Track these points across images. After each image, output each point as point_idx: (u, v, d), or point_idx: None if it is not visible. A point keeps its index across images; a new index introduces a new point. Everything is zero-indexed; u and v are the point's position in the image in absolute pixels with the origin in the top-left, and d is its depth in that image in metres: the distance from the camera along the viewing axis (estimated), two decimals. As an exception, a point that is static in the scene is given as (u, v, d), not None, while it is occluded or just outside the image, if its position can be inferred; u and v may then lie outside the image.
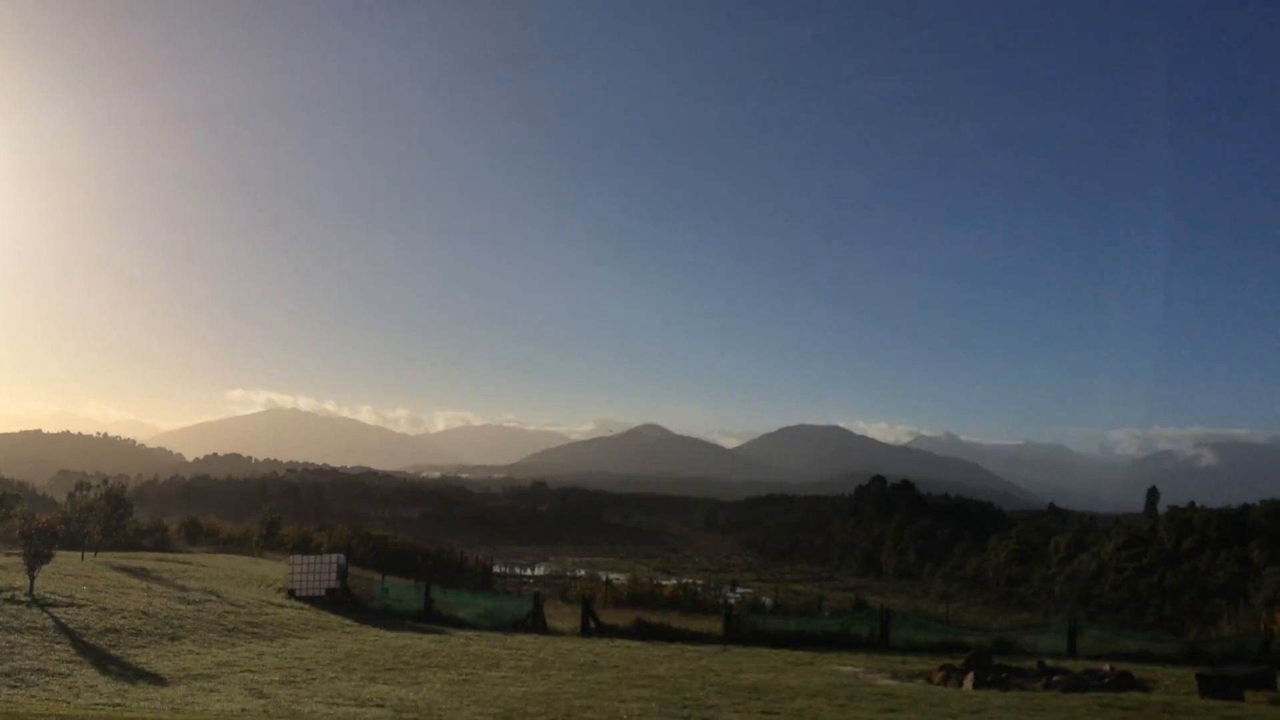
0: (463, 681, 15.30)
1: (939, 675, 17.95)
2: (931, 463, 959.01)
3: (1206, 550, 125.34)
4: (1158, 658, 23.06)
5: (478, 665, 17.56)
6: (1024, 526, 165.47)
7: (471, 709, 12.25)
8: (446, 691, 13.95)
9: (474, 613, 27.26)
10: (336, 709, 12.02)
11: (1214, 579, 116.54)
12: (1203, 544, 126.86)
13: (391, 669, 16.57)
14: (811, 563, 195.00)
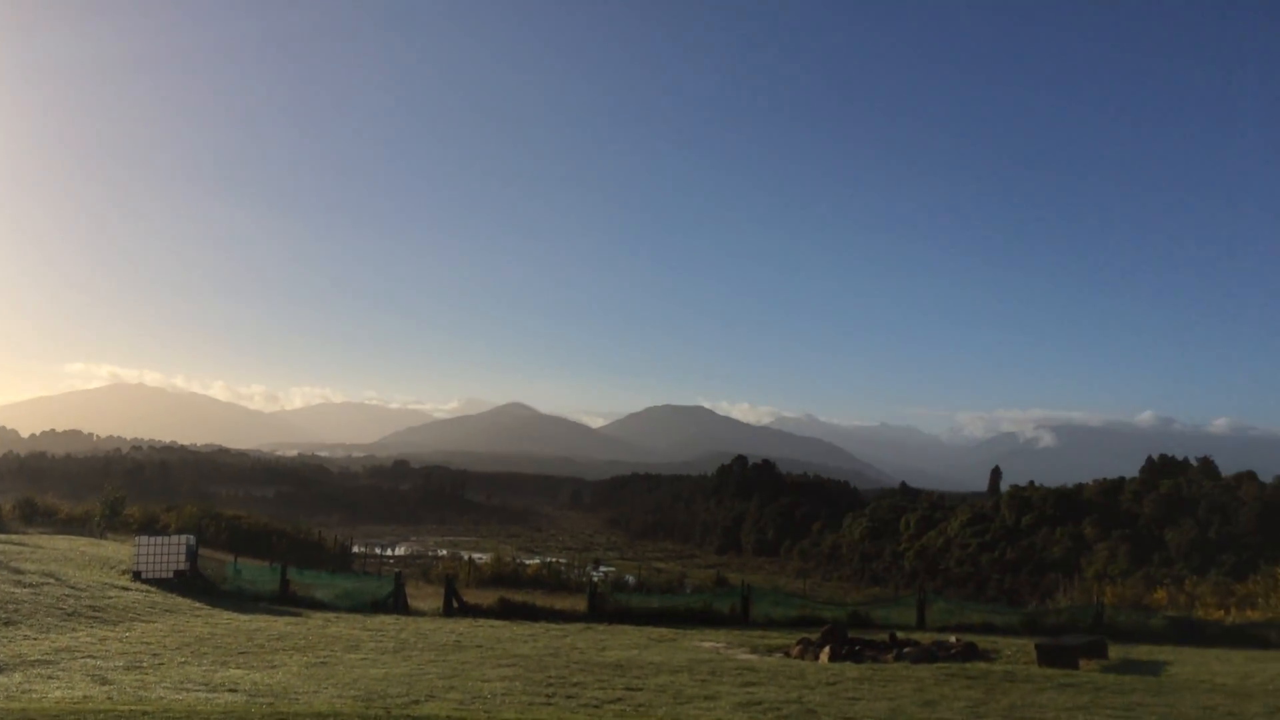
0: (320, 664, 14.93)
1: (797, 649, 18.45)
2: (792, 443, 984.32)
3: (1044, 527, 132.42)
4: (1000, 629, 24.28)
5: (336, 647, 17.17)
6: (877, 505, 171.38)
7: (330, 692, 11.96)
8: (303, 674, 13.58)
9: (332, 594, 26.62)
10: (186, 695, 11.56)
11: (1051, 554, 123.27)
12: (1041, 521, 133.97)
13: (245, 652, 16.04)
14: (674, 541, 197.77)
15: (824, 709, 11.77)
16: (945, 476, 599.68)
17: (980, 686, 13.81)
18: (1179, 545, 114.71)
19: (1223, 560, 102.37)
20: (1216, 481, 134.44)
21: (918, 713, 11.69)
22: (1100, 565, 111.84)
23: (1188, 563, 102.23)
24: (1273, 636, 23.71)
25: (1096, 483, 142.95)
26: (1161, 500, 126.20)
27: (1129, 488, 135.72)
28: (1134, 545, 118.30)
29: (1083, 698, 13.04)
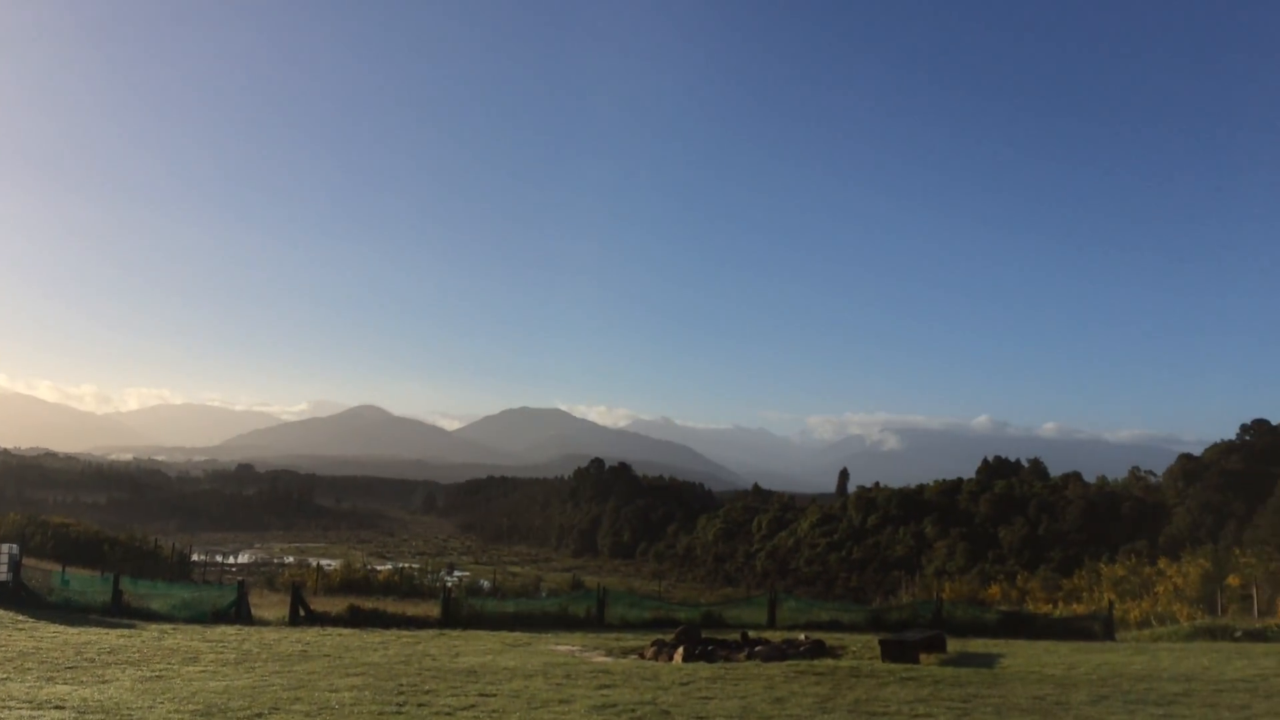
0: (156, 678, 14.18)
1: (651, 650, 18.57)
2: (648, 445, 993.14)
3: (888, 526, 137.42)
4: (846, 626, 25.04)
5: (173, 660, 16.35)
6: (731, 506, 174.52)
7: (166, 707, 11.37)
8: (137, 689, 12.88)
9: (169, 604, 25.37)
10: (8, 713, 10.80)
11: (894, 552, 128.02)
12: (885, 521, 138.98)
13: (73, 667, 15.11)
14: (531, 544, 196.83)
15: (677, 709, 11.87)
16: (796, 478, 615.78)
17: (827, 683, 14.19)
18: (1011, 543, 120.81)
19: (1051, 557, 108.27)
20: (1045, 482, 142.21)
21: (768, 710, 11.91)
22: (940, 562, 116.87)
23: (1019, 559, 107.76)
24: (1096, 629, 25.21)
25: (937, 483, 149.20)
26: (996, 500, 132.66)
27: (966, 488, 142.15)
28: (971, 543, 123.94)
29: (923, 691, 13.55)
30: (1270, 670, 15.99)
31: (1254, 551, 41.41)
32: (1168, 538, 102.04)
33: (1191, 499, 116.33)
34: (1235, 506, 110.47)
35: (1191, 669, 16.35)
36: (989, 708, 12.24)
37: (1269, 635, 23.67)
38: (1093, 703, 12.72)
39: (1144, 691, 13.65)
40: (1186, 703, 12.77)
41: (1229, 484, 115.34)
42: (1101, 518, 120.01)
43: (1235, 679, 14.94)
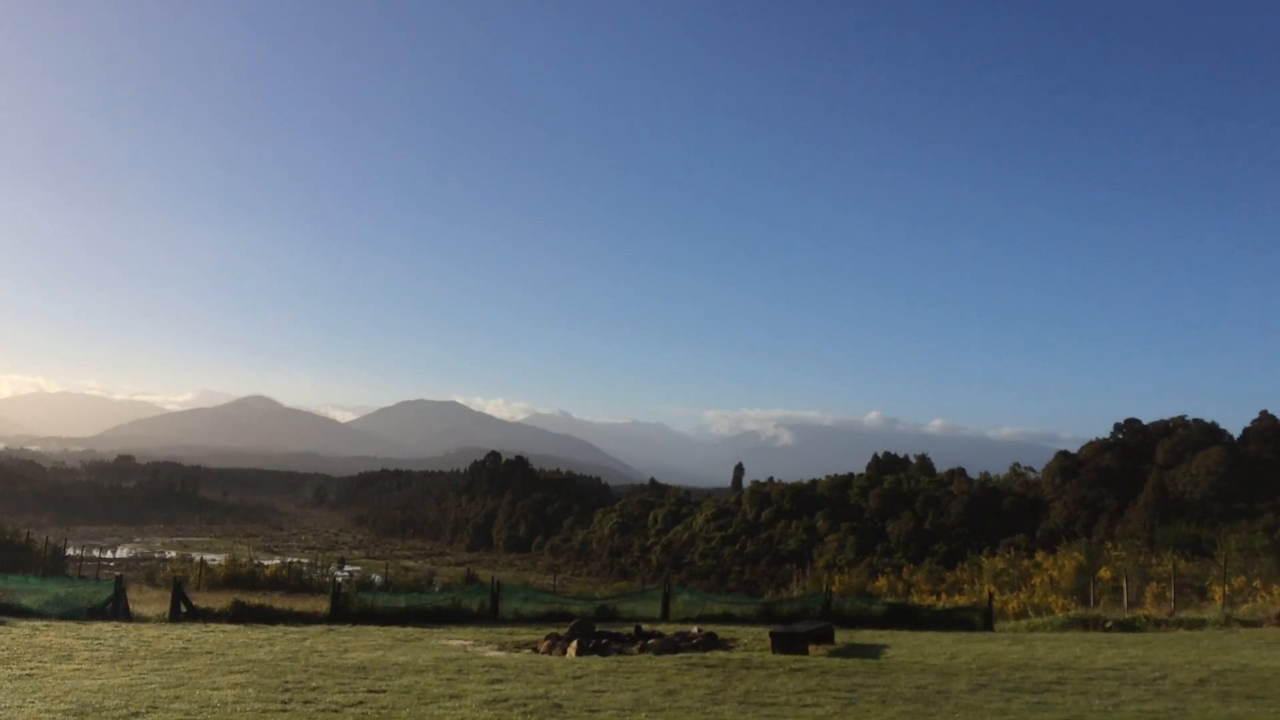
0: (26, 676, 13.56)
1: (545, 644, 18.53)
2: (546, 439, 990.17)
3: (782, 520, 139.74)
4: (739, 618, 25.38)
5: (45, 658, 15.65)
6: (627, 500, 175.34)
7: (37, 706, 10.88)
8: (6, 688, 12.29)
9: (42, 600, 24.27)
10: None
11: (787, 546, 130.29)
12: (779, 515, 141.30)
13: (-67, 668, 14.35)
14: (425, 538, 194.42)
15: (570, 703, 11.86)
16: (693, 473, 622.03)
17: (719, 674, 14.37)
18: (899, 536, 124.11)
19: (936, 550, 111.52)
20: (932, 477, 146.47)
21: (659, 702, 11.99)
22: (830, 556, 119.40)
23: (907, 552, 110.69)
24: (977, 620, 26.07)
25: (829, 479, 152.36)
26: (885, 495, 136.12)
27: (857, 483, 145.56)
28: (861, 537, 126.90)
29: (811, 681, 13.82)
30: (1137, 659, 16.74)
31: (1125, 545, 43.28)
32: (1045, 532, 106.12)
33: (1068, 494, 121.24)
34: (1108, 502, 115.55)
35: (1065, 658, 17.03)
36: (874, 697, 12.55)
37: (1137, 625, 24.82)
38: (972, 691, 13.15)
39: (1020, 680, 14.17)
40: (1060, 690, 13.30)
41: (1103, 480, 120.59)
42: (984, 512, 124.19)
43: (1105, 667, 15.61)
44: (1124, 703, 12.30)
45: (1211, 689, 13.39)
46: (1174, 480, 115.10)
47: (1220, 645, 19.59)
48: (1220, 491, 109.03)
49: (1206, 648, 19.04)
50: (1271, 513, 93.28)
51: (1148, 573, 36.00)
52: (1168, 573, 33.13)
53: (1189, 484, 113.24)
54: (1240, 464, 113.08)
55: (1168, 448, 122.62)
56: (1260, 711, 11.56)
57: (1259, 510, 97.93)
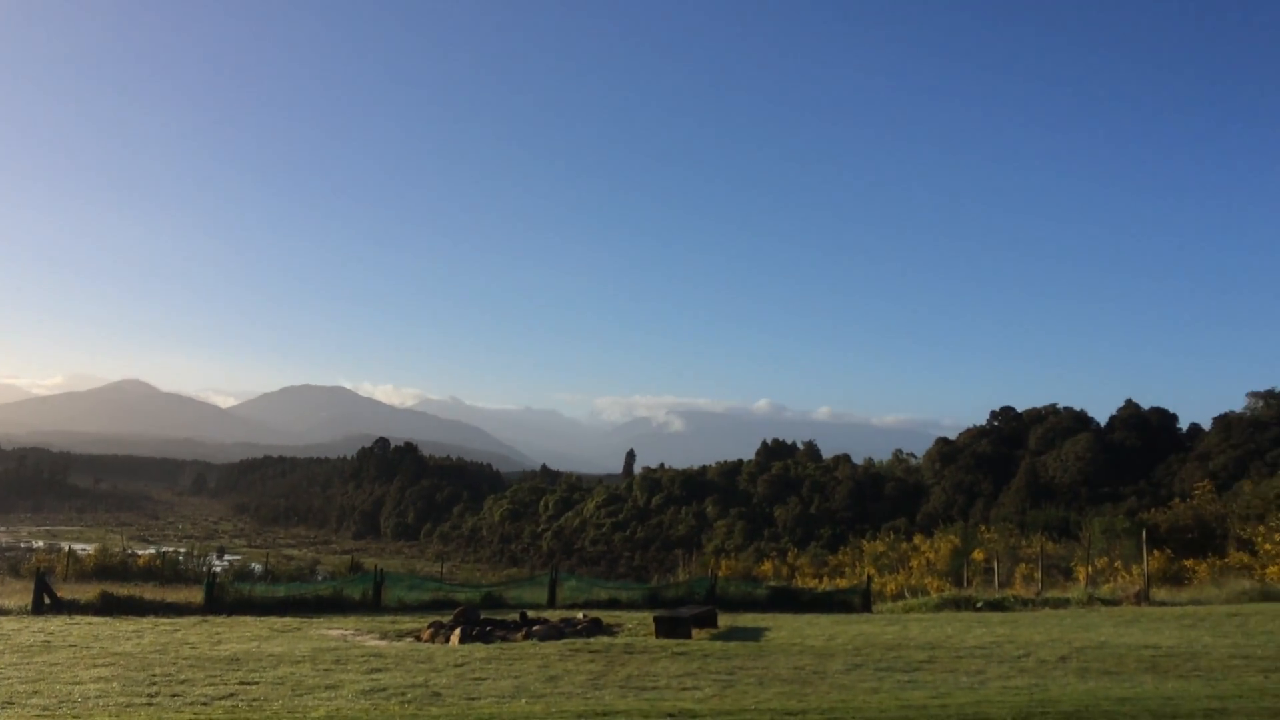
0: None
1: (427, 633, 18.30)
2: (436, 425, 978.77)
3: (672, 506, 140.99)
4: (625, 604, 25.50)
5: (-109, 657, 14.80)
6: (518, 487, 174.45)
7: (-124, 708, 10.28)
8: None
9: (-111, 595, 22.95)
10: None
11: (676, 532, 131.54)
12: (669, 501, 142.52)
13: None
14: (310, 526, 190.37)
15: (449, 691, 11.76)
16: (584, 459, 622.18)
17: (602, 660, 14.42)
18: (786, 521, 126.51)
19: (821, 534, 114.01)
20: (818, 463, 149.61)
21: (541, 688, 11.98)
22: (719, 541, 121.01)
23: (793, 537, 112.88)
24: (856, 602, 26.76)
25: (719, 465, 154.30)
26: (773, 480, 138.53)
27: (746, 469, 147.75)
28: (749, 522, 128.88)
29: (692, 665, 13.99)
30: (1004, 637, 17.41)
31: (998, 528, 44.97)
32: (924, 515, 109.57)
33: (947, 480, 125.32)
34: (984, 486, 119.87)
35: (936, 637, 17.60)
36: (752, 679, 12.77)
37: (1006, 605, 25.82)
38: (846, 671, 13.49)
39: (893, 659, 14.60)
40: (930, 669, 13.75)
41: (979, 465, 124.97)
42: (867, 497, 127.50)
43: (974, 646, 16.19)
44: (989, 680, 12.77)
45: (1071, 665, 14.01)
46: (1045, 466, 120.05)
47: (1082, 623, 20.51)
48: (1087, 476, 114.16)
49: (1069, 626, 19.91)
50: (1134, 496, 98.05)
51: (1018, 554, 37.45)
52: (1036, 554, 34.52)
53: (1059, 469, 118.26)
54: (1106, 450, 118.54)
55: (1040, 434, 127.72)
56: (1115, 686, 12.14)
57: (1123, 494, 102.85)
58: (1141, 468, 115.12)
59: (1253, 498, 39.78)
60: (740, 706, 10.48)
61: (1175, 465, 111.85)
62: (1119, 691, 11.52)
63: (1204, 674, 13.13)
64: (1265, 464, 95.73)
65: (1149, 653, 15.04)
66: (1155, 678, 12.84)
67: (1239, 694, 11.11)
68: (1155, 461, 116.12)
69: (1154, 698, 10.86)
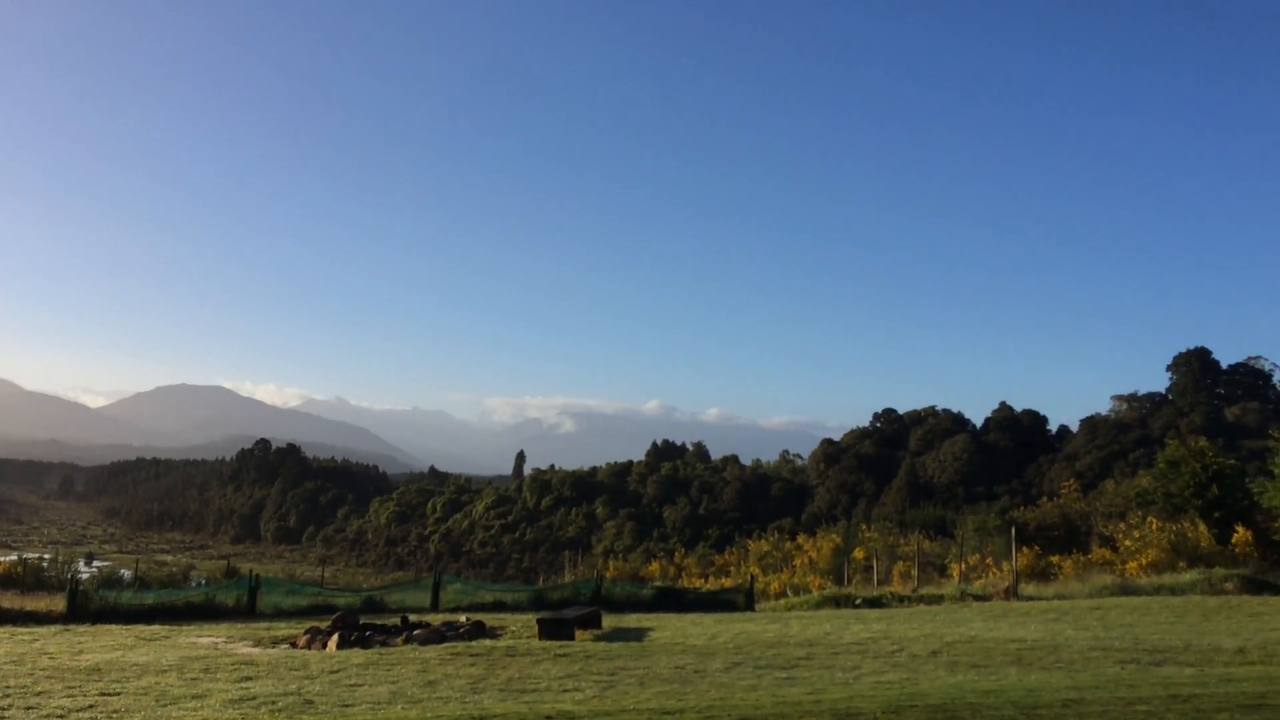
0: None
1: (304, 639, 17.83)
2: (321, 426, 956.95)
3: (562, 508, 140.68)
4: (510, 606, 25.32)
5: None
6: (406, 489, 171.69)
7: None
8: None
9: None
10: None
11: (566, 533, 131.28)
12: (559, 502, 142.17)
13: None
14: (185, 531, 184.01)
15: (323, 698, 11.47)
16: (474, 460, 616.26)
17: (482, 663, 14.26)
18: (675, 521, 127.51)
19: (709, 534, 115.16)
20: (707, 464, 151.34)
21: (418, 693, 11.78)
22: (609, 542, 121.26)
23: (681, 537, 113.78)
24: (739, 600, 27.11)
25: (609, 466, 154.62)
26: (662, 481, 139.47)
27: (636, 470, 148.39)
28: (638, 522, 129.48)
29: (574, 666, 13.95)
30: (880, 633, 17.86)
31: (878, 527, 46.14)
32: (809, 515, 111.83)
33: (831, 480, 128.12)
34: (866, 486, 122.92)
35: (815, 634, 17.95)
36: (633, 679, 12.80)
37: (884, 602, 26.51)
38: (727, 669, 13.64)
39: (773, 657, 14.83)
40: (807, 665, 14.02)
41: (862, 466, 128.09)
42: (754, 497, 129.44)
43: (851, 642, 16.56)
44: (864, 675, 13.08)
45: (942, 659, 14.46)
46: (924, 466, 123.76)
47: (953, 619, 21.20)
48: (964, 476, 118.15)
49: (941, 621, 20.55)
50: (1007, 495, 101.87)
51: (896, 552, 38.49)
52: (913, 552, 35.54)
53: (937, 469, 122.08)
54: (981, 450, 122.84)
55: (920, 436, 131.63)
56: (981, 678, 12.56)
57: (996, 493, 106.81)
58: (1014, 468, 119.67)
59: (1115, 496, 41.73)
60: (620, 707, 10.49)
61: (1045, 465, 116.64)
62: (985, 684, 11.92)
63: (1065, 665, 13.72)
64: (1128, 464, 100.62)
65: (1015, 646, 15.62)
66: (1020, 670, 13.35)
67: (1096, 684, 11.62)
68: (1027, 461, 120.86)
69: (1017, 689, 11.27)
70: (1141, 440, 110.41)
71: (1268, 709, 9.59)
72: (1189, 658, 14.36)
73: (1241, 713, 9.42)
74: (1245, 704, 9.87)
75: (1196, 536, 31.83)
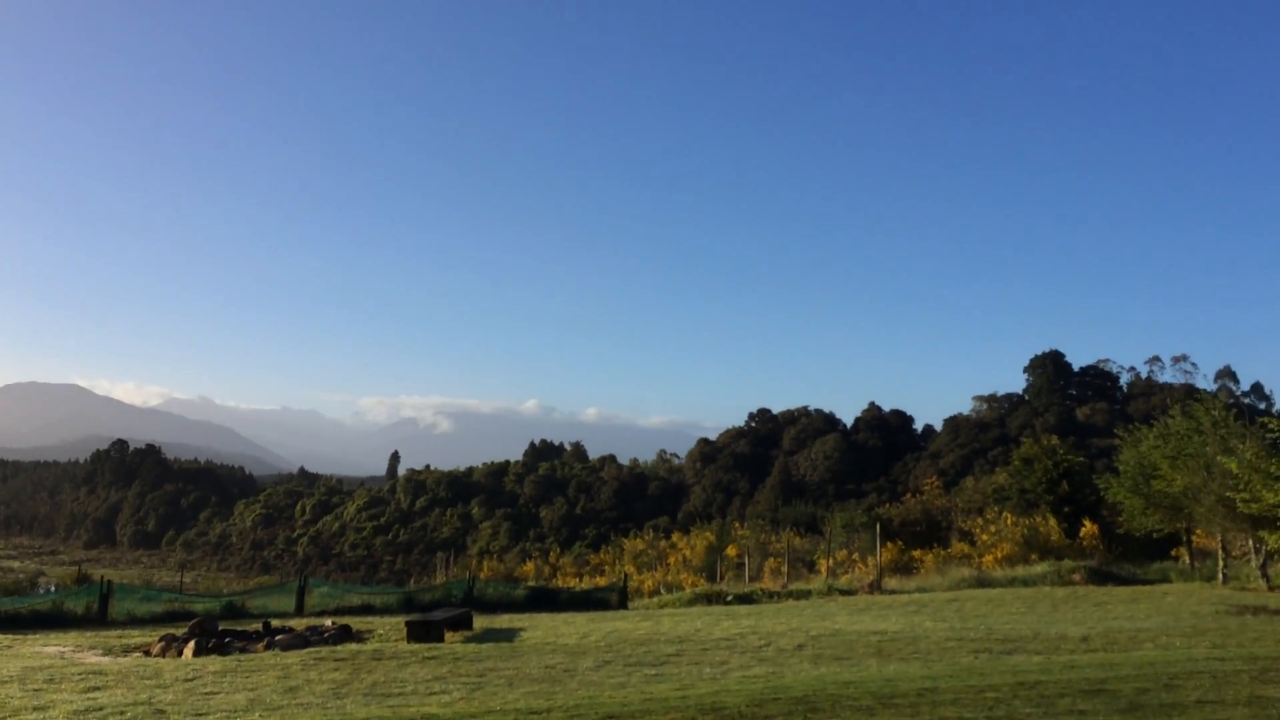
0: None
1: (158, 647, 17.09)
2: (184, 427, 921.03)
3: (436, 508, 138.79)
4: (379, 609, 24.79)
5: None
6: (273, 490, 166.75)
7: None
8: None
9: None
10: None
11: (441, 534, 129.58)
12: (434, 503, 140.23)
13: None
14: (34, 535, 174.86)
15: (175, 708, 11.01)
16: (347, 461, 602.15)
17: (347, 668, 13.93)
18: (552, 521, 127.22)
19: (586, 533, 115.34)
20: (585, 464, 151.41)
21: (278, 700, 11.43)
22: (485, 542, 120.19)
23: (558, 537, 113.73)
24: (613, 599, 27.20)
25: (485, 466, 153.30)
26: (540, 481, 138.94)
27: (513, 470, 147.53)
28: (515, 523, 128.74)
29: (443, 668, 13.75)
30: (749, 629, 18.17)
31: (751, 524, 47.01)
32: (685, 513, 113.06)
33: (707, 478, 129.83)
34: (741, 485, 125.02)
35: (686, 631, 18.14)
36: (502, 680, 12.69)
37: (754, 598, 26.98)
38: (597, 668, 13.66)
39: (643, 654, 14.91)
40: (677, 661, 14.15)
41: (737, 465, 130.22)
42: (632, 496, 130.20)
43: (720, 638, 16.79)
44: (731, 670, 13.28)
45: (807, 653, 14.80)
46: (797, 465, 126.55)
47: (820, 613, 21.73)
48: (834, 474, 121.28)
49: (808, 616, 21.04)
50: (875, 493, 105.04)
51: (768, 549, 39.28)
52: (784, 549, 36.30)
53: (809, 468, 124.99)
54: (851, 449, 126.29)
55: (793, 435, 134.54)
56: (843, 670, 12.90)
57: (865, 491, 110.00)
58: (882, 466, 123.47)
59: (974, 493, 43.52)
60: (487, 708, 10.38)
61: (911, 463, 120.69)
62: (846, 676, 12.24)
63: (922, 656, 14.21)
64: (987, 461, 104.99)
65: (876, 638, 16.11)
66: (879, 661, 13.77)
67: (950, 674, 12.06)
68: (894, 460, 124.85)
69: (876, 679, 11.61)
70: (1000, 439, 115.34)
71: (1107, 694, 10.10)
72: (1037, 646, 15.06)
73: (1083, 698, 9.90)
74: (1087, 689, 10.38)
75: (1048, 530, 33.42)
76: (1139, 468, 29.68)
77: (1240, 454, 24.29)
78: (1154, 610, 20.71)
